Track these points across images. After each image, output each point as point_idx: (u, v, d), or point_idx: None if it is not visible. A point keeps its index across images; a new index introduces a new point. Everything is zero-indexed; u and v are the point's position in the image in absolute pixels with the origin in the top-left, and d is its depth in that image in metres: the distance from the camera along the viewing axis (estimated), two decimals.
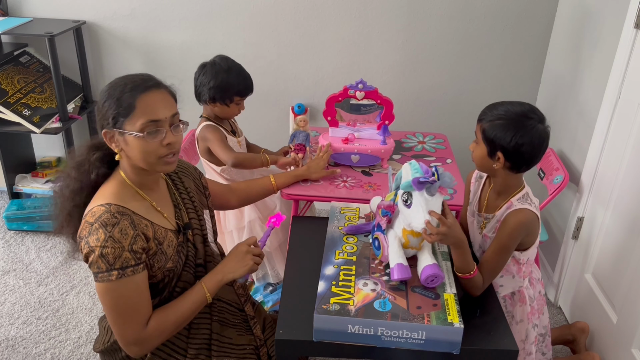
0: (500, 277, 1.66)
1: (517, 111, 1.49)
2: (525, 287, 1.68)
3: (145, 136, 1.29)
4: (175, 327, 1.39)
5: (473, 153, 1.60)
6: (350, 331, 1.33)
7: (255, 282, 2.44)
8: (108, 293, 1.28)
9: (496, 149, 1.50)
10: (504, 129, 1.47)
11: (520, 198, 1.56)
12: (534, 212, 1.54)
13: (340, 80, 2.87)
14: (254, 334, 1.57)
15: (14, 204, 2.91)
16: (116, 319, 1.31)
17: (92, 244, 1.26)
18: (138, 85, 1.30)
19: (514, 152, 1.48)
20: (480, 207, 1.69)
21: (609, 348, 2.07)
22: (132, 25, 2.91)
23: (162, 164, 1.35)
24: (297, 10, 2.82)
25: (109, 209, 1.29)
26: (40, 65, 2.96)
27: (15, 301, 2.43)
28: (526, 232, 1.55)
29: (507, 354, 1.37)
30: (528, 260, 1.66)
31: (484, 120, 1.53)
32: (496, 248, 1.54)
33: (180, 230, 1.45)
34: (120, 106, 1.29)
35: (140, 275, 1.31)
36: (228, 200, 1.80)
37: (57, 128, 2.75)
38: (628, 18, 2.03)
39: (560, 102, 2.68)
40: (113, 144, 1.34)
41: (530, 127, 1.47)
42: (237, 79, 2.11)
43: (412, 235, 1.46)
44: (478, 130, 1.56)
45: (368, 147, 2.21)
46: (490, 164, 1.55)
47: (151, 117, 1.30)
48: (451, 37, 2.85)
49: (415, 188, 1.40)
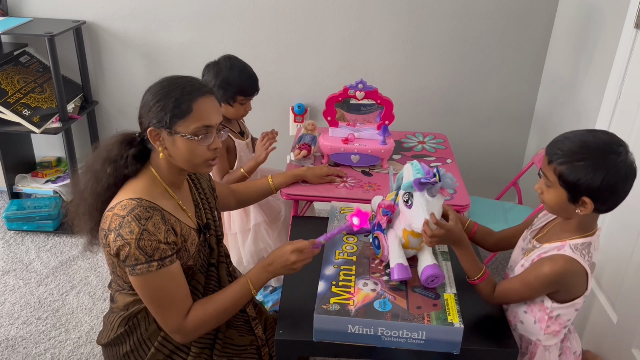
0: (524, 313, 1.44)
1: (598, 145, 1.25)
2: (546, 346, 1.44)
3: (198, 140, 1.34)
4: (216, 319, 1.40)
5: (543, 196, 1.35)
6: (350, 331, 1.33)
7: None
8: (148, 284, 1.31)
9: (581, 194, 1.26)
10: (589, 170, 1.23)
11: (578, 245, 1.32)
12: (582, 265, 1.30)
13: (340, 80, 2.87)
14: (256, 335, 1.58)
15: (14, 204, 2.91)
16: (157, 309, 1.34)
17: (125, 236, 1.27)
18: (196, 90, 1.34)
19: (605, 194, 1.25)
20: (538, 233, 1.47)
21: (609, 348, 2.07)
22: (132, 25, 2.91)
23: (206, 166, 1.41)
24: (297, 10, 2.82)
25: (140, 203, 1.31)
26: (40, 65, 2.96)
27: (15, 301, 2.43)
28: (560, 284, 1.33)
29: (507, 354, 1.37)
30: (559, 318, 1.39)
31: (556, 161, 1.27)
32: (521, 280, 1.37)
33: (201, 229, 1.48)
34: (177, 107, 1.32)
35: (176, 265, 1.34)
36: (229, 202, 1.82)
37: (57, 128, 2.75)
38: (628, 18, 2.03)
39: (560, 102, 2.68)
40: (157, 142, 1.36)
41: (621, 162, 1.23)
42: (239, 78, 2.08)
43: (412, 235, 1.46)
44: (550, 171, 1.30)
45: (368, 147, 2.21)
46: (572, 209, 1.30)
47: (205, 122, 1.34)
48: (451, 37, 2.85)
49: (416, 189, 1.39)
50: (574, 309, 1.38)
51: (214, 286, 1.53)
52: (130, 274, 1.30)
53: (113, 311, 1.49)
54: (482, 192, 2.87)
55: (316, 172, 2.09)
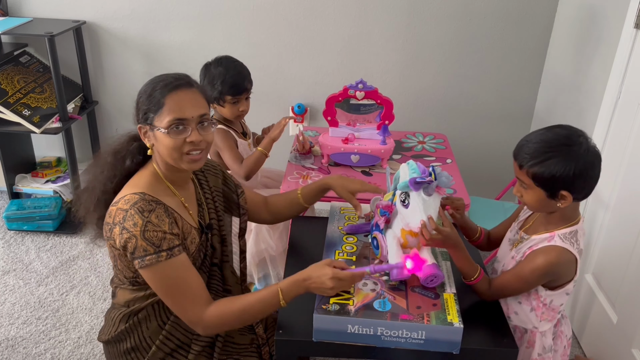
0: (518, 303, 1.49)
1: (558, 139, 1.32)
2: (542, 332, 1.50)
3: (170, 132, 1.33)
4: (239, 319, 1.38)
5: (523, 198, 1.41)
6: (350, 331, 1.33)
7: (256, 283, 2.44)
8: (159, 275, 1.31)
9: (558, 188, 1.33)
10: (560, 164, 1.29)
11: (567, 234, 1.39)
12: (573, 254, 1.37)
13: (340, 80, 2.87)
14: (257, 334, 1.58)
15: (14, 204, 2.91)
16: (173, 300, 1.34)
17: (130, 229, 1.28)
18: (169, 84, 1.34)
19: (579, 182, 1.31)
20: (524, 224, 1.53)
21: (609, 348, 2.07)
22: (132, 25, 2.91)
23: (187, 161, 1.37)
24: (297, 10, 2.82)
25: (143, 197, 1.32)
26: (40, 65, 2.96)
27: (15, 301, 2.43)
28: (556, 274, 1.39)
29: (507, 353, 1.37)
30: (552, 304, 1.46)
31: (527, 164, 1.33)
32: (516, 274, 1.41)
33: (203, 230, 1.48)
34: (151, 102, 1.34)
35: (185, 256, 1.34)
36: (260, 212, 1.72)
37: (57, 128, 2.75)
38: (628, 18, 2.03)
39: (560, 102, 2.68)
40: (146, 139, 1.39)
41: (584, 149, 1.30)
42: (224, 77, 2.05)
43: (410, 235, 1.46)
44: (523, 175, 1.36)
45: (368, 147, 2.21)
46: (553, 204, 1.36)
47: (177, 115, 1.33)
48: (451, 37, 2.85)
49: (412, 188, 1.40)
50: (565, 294, 1.45)
51: (217, 285, 1.53)
52: (140, 266, 1.30)
53: (114, 307, 1.50)
54: (482, 192, 2.87)
55: (347, 185, 1.67)
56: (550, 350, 1.52)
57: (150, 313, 1.44)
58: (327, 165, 2.28)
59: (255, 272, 2.38)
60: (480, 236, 1.67)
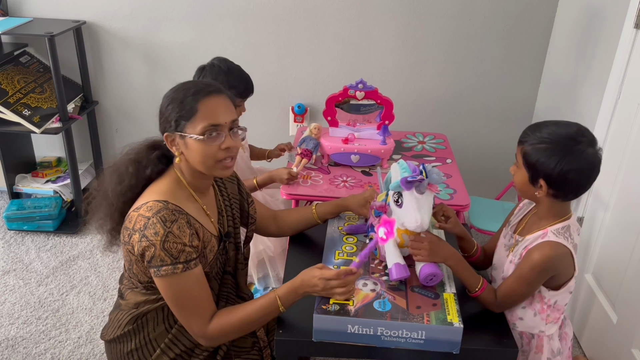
0: (522, 308, 1.48)
1: (564, 134, 1.32)
2: (549, 335, 1.49)
3: (206, 139, 1.32)
4: (240, 329, 1.39)
5: (513, 177, 1.44)
6: (350, 331, 1.33)
7: (255, 283, 2.44)
8: (172, 286, 1.31)
9: (538, 175, 1.35)
10: (548, 154, 1.31)
11: (559, 229, 1.39)
12: (567, 248, 1.37)
13: (340, 80, 2.87)
14: (258, 337, 1.58)
15: (14, 204, 2.91)
16: (180, 311, 1.35)
17: (150, 237, 1.28)
18: (201, 90, 1.33)
19: (559, 180, 1.32)
20: (517, 227, 1.53)
21: (609, 348, 2.07)
22: (132, 25, 2.91)
23: (220, 168, 1.37)
24: (297, 10, 2.82)
25: (166, 206, 1.31)
26: (40, 65, 2.96)
27: (15, 301, 2.43)
28: (554, 269, 1.38)
29: (507, 353, 1.37)
30: (556, 304, 1.45)
31: (525, 142, 1.36)
32: (517, 277, 1.40)
33: (222, 237, 1.48)
34: (182, 109, 1.32)
35: (200, 269, 1.35)
36: (268, 226, 1.73)
37: (57, 128, 2.75)
38: (628, 18, 2.03)
39: (560, 102, 2.68)
40: (174, 147, 1.37)
41: (579, 152, 1.30)
42: (237, 80, 2.07)
43: (406, 234, 1.47)
44: (519, 153, 1.39)
45: (368, 147, 2.21)
46: (532, 191, 1.39)
47: (212, 121, 1.32)
48: (451, 37, 2.85)
49: (404, 187, 1.40)
50: (568, 292, 1.45)
51: (228, 293, 1.53)
52: (155, 275, 1.31)
53: (122, 308, 1.49)
54: (482, 192, 2.88)
55: (358, 200, 1.72)
56: (558, 353, 1.51)
57: (158, 315, 1.44)
58: (327, 165, 2.28)
59: (255, 272, 2.39)
60: (477, 251, 1.63)
